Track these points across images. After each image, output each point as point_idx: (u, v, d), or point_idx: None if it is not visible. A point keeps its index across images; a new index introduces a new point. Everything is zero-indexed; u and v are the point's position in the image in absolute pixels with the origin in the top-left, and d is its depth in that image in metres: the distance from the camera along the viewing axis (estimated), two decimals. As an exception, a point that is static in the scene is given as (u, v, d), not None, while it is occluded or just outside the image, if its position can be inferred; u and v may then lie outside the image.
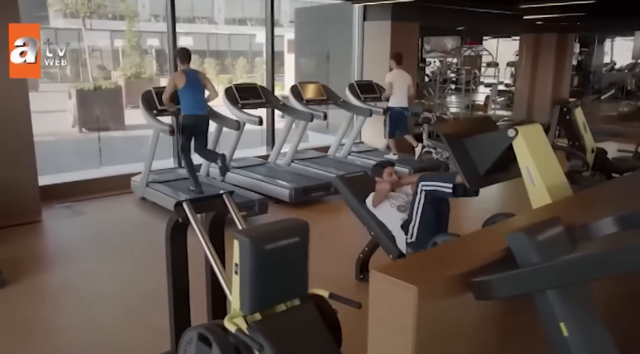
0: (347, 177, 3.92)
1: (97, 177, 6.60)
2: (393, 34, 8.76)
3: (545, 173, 2.77)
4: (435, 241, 3.21)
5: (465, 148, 3.05)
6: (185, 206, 2.60)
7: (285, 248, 2.31)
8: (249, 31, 25.68)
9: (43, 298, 3.83)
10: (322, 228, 5.32)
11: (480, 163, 3.00)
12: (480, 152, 3.01)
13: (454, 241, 2.63)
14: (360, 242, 4.05)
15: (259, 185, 6.17)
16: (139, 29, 17.18)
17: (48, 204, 5.76)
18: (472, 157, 3.02)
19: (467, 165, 3.00)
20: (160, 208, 5.74)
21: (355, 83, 7.85)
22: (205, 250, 2.58)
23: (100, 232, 5.21)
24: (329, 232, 5.23)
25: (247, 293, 2.25)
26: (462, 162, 3.00)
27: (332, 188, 6.17)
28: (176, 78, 5.46)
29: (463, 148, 3.05)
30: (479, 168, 3.01)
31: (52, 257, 4.56)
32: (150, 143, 5.84)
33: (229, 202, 2.78)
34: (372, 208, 3.68)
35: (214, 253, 2.55)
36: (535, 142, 2.86)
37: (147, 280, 4.17)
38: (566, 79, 12.97)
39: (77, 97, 11.08)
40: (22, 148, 5.40)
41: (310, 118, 6.55)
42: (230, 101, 6.36)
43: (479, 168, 3.01)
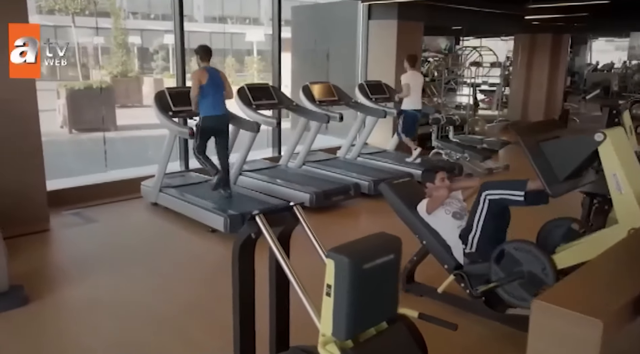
0: (395, 183, 3.74)
1: (104, 181, 6.29)
2: (399, 34, 8.62)
3: (632, 180, 2.64)
4: (504, 249, 3.05)
5: (542, 153, 2.90)
6: (258, 219, 2.38)
7: (381, 266, 2.12)
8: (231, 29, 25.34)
9: (71, 314, 3.56)
10: (351, 235, 5.15)
11: (560, 169, 2.86)
12: (560, 156, 2.86)
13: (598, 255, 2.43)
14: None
15: (275, 189, 5.95)
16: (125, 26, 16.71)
17: (55, 211, 5.45)
18: (550, 162, 2.88)
19: (547, 170, 2.85)
20: (174, 214, 5.50)
21: (365, 83, 7.66)
22: (283, 268, 2.35)
23: (116, 241, 4.93)
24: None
25: (343, 318, 2.05)
26: (542, 167, 2.85)
27: (351, 192, 6.02)
28: (199, 75, 5.19)
29: (541, 152, 2.90)
30: (557, 174, 2.86)
31: (71, 269, 4.26)
32: (166, 147, 5.58)
33: (299, 214, 2.56)
34: (426, 215, 3.50)
35: (293, 272, 2.33)
36: (621, 146, 2.72)
37: (176, 290, 3.96)
38: (561, 79, 13.03)
39: (66, 96, 10.66)
40: (30, 151, 5.10)
41: (326, 119, 6.36)
42: (244, 102, 6.13)
43: (557, 174, 2.86)
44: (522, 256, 2.94)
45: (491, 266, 3.09)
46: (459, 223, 3.42)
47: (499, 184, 3.32)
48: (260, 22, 26.56)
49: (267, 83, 6.86)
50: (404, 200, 3.63)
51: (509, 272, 2.98)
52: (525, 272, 2.92)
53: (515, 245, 2.99)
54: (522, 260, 2.94)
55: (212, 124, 5.27)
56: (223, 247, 4.82)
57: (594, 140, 2.69)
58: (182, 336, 3.31)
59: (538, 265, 2.87)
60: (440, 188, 3.48)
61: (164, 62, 21.18)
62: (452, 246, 3.43)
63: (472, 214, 3.32)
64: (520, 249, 2.96)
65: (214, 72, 5.33)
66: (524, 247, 2.96)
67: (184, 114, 5.57)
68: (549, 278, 2.83)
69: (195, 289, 4.01)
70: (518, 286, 2.95)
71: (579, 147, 2.80)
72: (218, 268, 4.49)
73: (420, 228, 3.54)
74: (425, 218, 3.52)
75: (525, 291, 2.93)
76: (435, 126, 8.10)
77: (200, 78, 5.17)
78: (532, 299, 2.75)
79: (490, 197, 3.23)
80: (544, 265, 2.84)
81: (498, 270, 3.04)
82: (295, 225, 2.62)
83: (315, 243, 2.52)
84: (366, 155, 7.68)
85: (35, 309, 3.57)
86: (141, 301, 3.75)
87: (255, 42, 19.14)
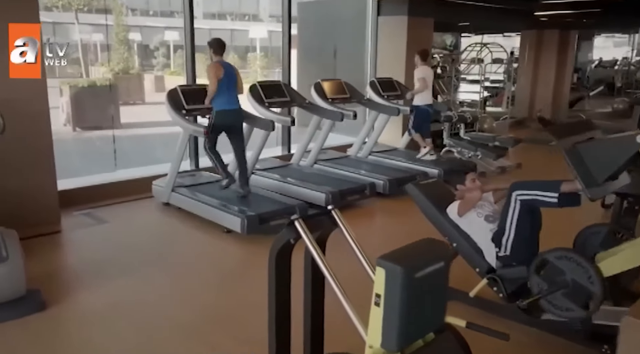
0: (422, 184, 3.64)
1: (113, 180, 6.17)
2: (409, 30, 8.51)
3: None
4: (545, 258, 2.94)
5: (580, 155, 2.80)
6: (298, 224, 2.28)
7: (432, 275, 2.02)
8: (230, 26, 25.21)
9: (92, 320, 3.44)
10: (371, 236, 5.05)
11: (599, 171, 2.76)
12: (599, 159, 2.76)
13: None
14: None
15: (289, 189, 5.83)
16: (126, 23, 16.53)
17: (65, 211, 5.34)
18: (589, 164, 2.78)
19: (585, 173, 2.74)
20: (187, 214, 5.39)
21: (376, 80, 7.54)
22: (325, 274, 2.24)
23: (130, 243, 4.81)
24: (384, 241, 4.93)
25: (394, 329, 1.95)
26: (581, 170, 2.75)
27: (366, 191, 5.92)
28: (216, 69, 5.08)
29: (579, 155, 2.80)
30: (596, 176, 2.76)
31: (86, 272, 4.14)
32: (179, 146, 5.46)
33: (338, 217, 2.46)
34: (457, 218, 3.40)
35: (336, 279, 2.22)
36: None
37: (196, 294, 3.86)
38: (568, 76, 12.93)
39: (70, 93, 10.52)
40: (41, 150, 5.01)
41: (340, 117, 6.24)
42: (256, 100, 6.01)
43: (596, 176, 2.76)
44: (565, 265, 2.83)
45: (531, 277, 2.98)
46: (491, 227, 3.32)
47: (530, 184, 3.21)
48: (260, 19, 26.46)
49: (278, 81, 6.75)
50: (432, 201, 3.53)
51: (551, 282, 2.88)
52: (569, 281, 2.82)
53: (557, 254, 2.89)
54: (565, 268, 2.83)
55: (226, 119, 5.17)
56: (240, 249, 4.72)
57: (637, 142, 2.59)
58: (207, 342, 3.21)
59: (583, 274, 2.76)
60: (472, 190, 3.38)
61: (164, 59, 21.06)
62: (484, 249, 3.33)
63: (504, 216, 3.22)
64: (563, 257, 2.85)
65: (228, 66, 5.23)
66: (567, 255, 2.85)
67: (197, 112, 5.45)
68: (595, 286, 2.72)
69: (215, 292, 3.91)
70: (561, 297, 2.84)
71: (621, 149, 2.70)
72: (237, 271, 4.41)
73: (450, 231, 3.44)
74: (456, 220, 3.42)
75: (569, 301, 2.82)
76: (447, 124, 7.99)
77: (217, 72, 5.06)
78: (578, 308, 2.66)
79: (522, 198, 3.13)
80: (590, 273, 2.74)
81: (540, 281, 2.93)
82: (333, 229, 2.52)
83: (355, 249, 2.42)
84: (377, 154, 7.57)
85: (54, 314, 3.46)
86: (161, 306, 3.64)
87: (258, 39, 18.99)
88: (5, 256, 3.31)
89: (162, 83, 19.40)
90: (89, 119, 10.71)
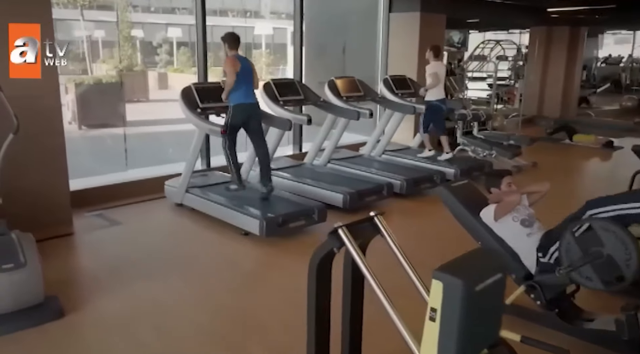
0: (454, 186, 3.50)
1: (125, 180, 6.04)
2: (422, 26, 8.37)
3: None
4: (592, 225, 2.81)
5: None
6: (341, 232, 2.15)
7: (490, 287, 1.90)
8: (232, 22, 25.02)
9: (112, 326, 3.31)
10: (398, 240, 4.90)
11: None
12: None
13: None
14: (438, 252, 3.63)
15: (306, 190, 5.71)
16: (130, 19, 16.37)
17: (76, 212, 5.21)
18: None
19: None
20: (201, 216, 5.27)
21: (390, 78, 7.41)
22: (372, 285, 2.12)
23: (146, 245, 4.68)
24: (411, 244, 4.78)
25: (451, 345, 1.83)
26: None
27: (384, 192, 5.79)
28: (233, 63, 4.95)
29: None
30: None
31: (103, 277, 4.01)
32: (194, 145, 5.33)
33: (381, 224, 2.34)
34: (492, 222, 3.27)
35: (384, 292, 2.10)
36: None
37: (220, 298, 3.74)
38: (577, 73, 12.80)
39: (76, 91, 10.37)
40: (53, 150, 4.88)
41: (357, 116, 6.10)
42: (270, 98, 5.88)
43: None
44: (609, 238, 2.74)
45: (565, 235, 2.90)
46: (528, 231, 3.20)
47: (607, 200, 3.01)
48: (261, 16, 26.28)
49: (292, 79, 6.62)
50: (465, 204, 3.40)
51: (585, 249, 2.81)
52: (604, 255, 2.75)
53: (604, 225, 2.77)
54: (607, 243, 2.75)
55: (244, 113, 5.05)
56: (259, 251, 4.60)
57: None
58: (232, 347, 3.09)
59: (623, 255, 2.68)
60: (511, 194, 3.25)
61: (167, 56, 20.89)
62: (521, 254, 3.20)
63: (562, 228, 3.05)
64: (610, 231, 2.74)
65: (244, 60, 5.11)
66: (616, 231, 2.73)
67: (212, 111, 5.31)
68: (629, 270, 2.68)
69: (237, 296, 3.79)
70: (589, 267, 2.79)
71: None
72: (258, 274, 4.30)
73: (484, 235, 3.32)
74: (491, 225, 3.29)
75: (593, 270, 2.79)
76: (461, 122, 7.87)
77: (235, 66, 4.93)
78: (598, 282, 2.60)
79: (602, 216, 2.93)
80: (630, 257, 2.66)
81: (573, 243, 2.87)
82: (374, 236, 2.39)
83: (400, 257, 2.30)
84: (391, 153, 7.44)
85: (73, 321, 3.34)
86: (184, 312, 3.52)
87: (263, 36, 18.83)
88: (23, 262, 3.19)
89: (166, 80, 19.27)
90: (95, 117, 10.56)
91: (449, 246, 4.31)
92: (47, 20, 4.54)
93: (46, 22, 4.49)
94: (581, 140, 9.76)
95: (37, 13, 4.48)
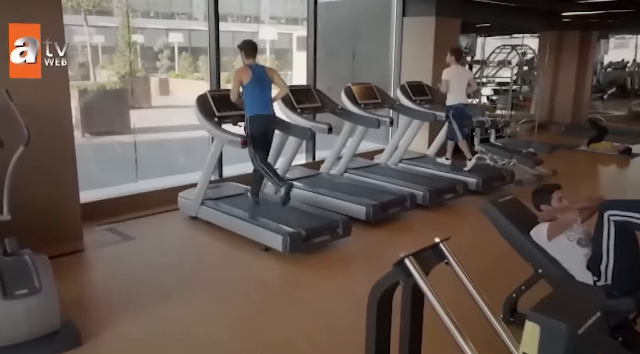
0: (500, 202, 3.27)
1: (135, 192, 5.77)
2: (437, 31, 8.15)
3: None
4: None
5: None
6: (409, 263, 1.91)
7: (591, 329, 1.66)
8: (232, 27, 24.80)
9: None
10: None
11: None
12: None
13: None
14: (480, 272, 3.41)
15: (326, 201, 5.45)
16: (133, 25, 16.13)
17: (86, 226, 4.96)
18: None
19: None
20: (217, 229, 5.03)
21: (407, 84, 7.18)
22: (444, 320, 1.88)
23: (163, 262, 4.42)
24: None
25: (550, 397, 1.59)
26: None
27: (407, 203, 5.55)
28: (241, 73, 4.77)
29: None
30: None
31: (120, 298, 3.75)
32: (211, 156, 5.09)
33: (447, 251, 2.10)
34: (545, 241, 3.03)
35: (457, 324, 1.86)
36: None
37: (248, 320, 3.49)
38: (588, 78, 12.60)
39: (78, 97, 10.11)
40: (63, 160, 4.66)
41: (377, 124, 5.87)
42: (287, 105, 5.64)
43: None
44: None
45: None
46: (585, 251, 2.96)
47: (626, 204, 2.86)
48: (261, 21, 26.08)
49: (308, 85, 6.40)
50: (514, 222, 3.16)
51: None
52: None
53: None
54: None
55: (259, 124, 4.84)
56: (283, 268, 4.35)
57: None
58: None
59: None
60: (565, 211, 3.01)
61: (168, 62, 20.65)
62: (578, 277, 2.96)
63: (597, 240, 2.86)
64: None
65: (258, 69, 4.87)
66: None
67: (229, 120, 5.07)
68: None
69: (265, 317, 3.53)
70: None
71: None
72: (285, 293, 4.03)
73: (535, 255, 3.08)
74: (543, 244, 3.05)
75: None
76: (479, 129, 7.64)
77: (241, 77, 4.74)
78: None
79: (615, 218, 2.77)
80: None
81: None
82: (438, 264, 2.16)
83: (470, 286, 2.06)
84: (408, 161, 7.21)
85: (92, 349, 3.08)
86: (210, 333, 3.26)
87: (268, 41, 18.62)
88: (38, 288, 2.93)
89: (167, 86, 19.02)
90: (99, 124, 10.32)
91: (488, 264, 4.08)
92: (57, 22, 4.35)
93: (56, 24, 4.31)
94: (597, 147, 9.54)
95: (45, 15, 4.26)
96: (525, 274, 3.21)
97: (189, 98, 5.47)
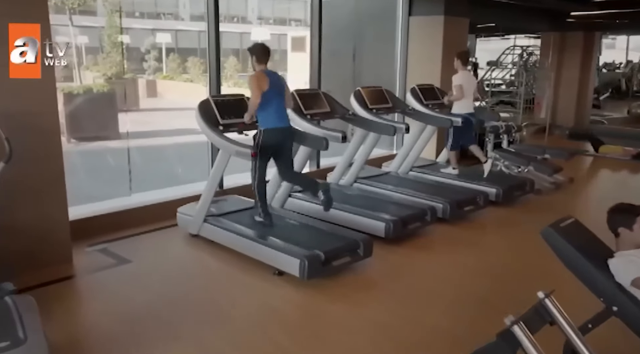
0: (563, 227, 2.81)
1: (129, 207, 5.25)
2: (445, 31, 7.74)
3: None
4: None
5: None
6: (519, 331, 1.45)
7: None
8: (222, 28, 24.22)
9: None
10: (453, 278, 4.20)
11: None
12: None
13: None
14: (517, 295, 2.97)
15: (340, 217, 4.96)
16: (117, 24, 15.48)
17: (76, 247, 4.44)
18: None
19: None
20: (221, 249, 4.55)
21: (417, 87, 6.73)
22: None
23: (165, 291, 3.90)
24: (471, 282, 4.09)
25: None
26: None
27: (427, 217, 5.11)
28: (260, 80, 4.24)
29: None
30: None
31: (120, 337, 3.23)
32: (215, 169, 4.60)
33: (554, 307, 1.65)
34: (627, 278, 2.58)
35: None
36: None
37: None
38: (591, 79, 12.30)
39: (64, 101, 9.53)
40: (51, 175, 4.16)
41: (393, 131, 5.43)
42: (295, 110, 5.16)
43: None
44: None
45: None
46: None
47: None
48: (248, 21, 25.57)
49: (317, 90, 5.94)
50: (582, 251, 2.72)
51: None
52: None
53: None
54: None
55: (277, 139, 4.36)
56: (304, 299, 3.83)
57: None
58: None
59: None
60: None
61: (156, 63, 20.02)
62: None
63: None
64: None
65: (274, 76, 4.39)
66: None
67: (234, 128, 4.58)
68: None
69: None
70: None
71: None
72: (308, 327, 3.53)
73: (610, 290, 2.64)
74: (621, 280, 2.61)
75: None
76: (492, 135, 7.24)
77: (261, 83, 4.22)
78: None
79: None
80: None
81: None
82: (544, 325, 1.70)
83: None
84: (418, 169, 6.77)
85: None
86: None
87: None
88: (23, 339, 2.42)
89: (154, 87, 18.40)
90: (85, 129, 9.75)
91: (522, 287, 3.60)
92: (44, 21, 3.88)
93: (44, 23, 3.84)
94: (608, 152, 9.20)
95: (35, 14, 3.85)
96: (583, 302, 2.77)
97: (179, 100, 4.99)
